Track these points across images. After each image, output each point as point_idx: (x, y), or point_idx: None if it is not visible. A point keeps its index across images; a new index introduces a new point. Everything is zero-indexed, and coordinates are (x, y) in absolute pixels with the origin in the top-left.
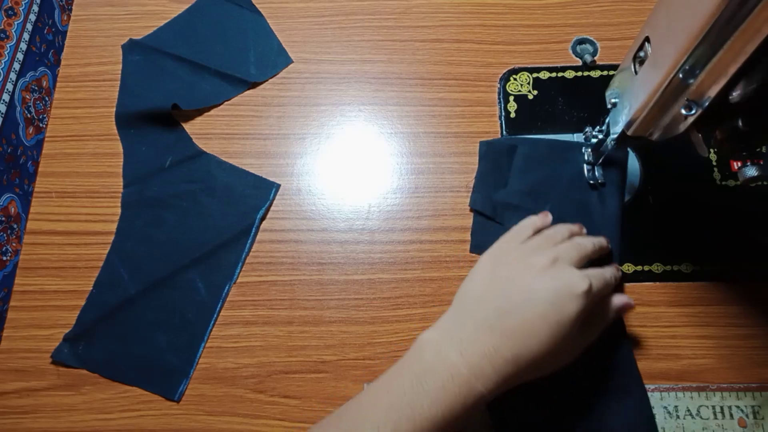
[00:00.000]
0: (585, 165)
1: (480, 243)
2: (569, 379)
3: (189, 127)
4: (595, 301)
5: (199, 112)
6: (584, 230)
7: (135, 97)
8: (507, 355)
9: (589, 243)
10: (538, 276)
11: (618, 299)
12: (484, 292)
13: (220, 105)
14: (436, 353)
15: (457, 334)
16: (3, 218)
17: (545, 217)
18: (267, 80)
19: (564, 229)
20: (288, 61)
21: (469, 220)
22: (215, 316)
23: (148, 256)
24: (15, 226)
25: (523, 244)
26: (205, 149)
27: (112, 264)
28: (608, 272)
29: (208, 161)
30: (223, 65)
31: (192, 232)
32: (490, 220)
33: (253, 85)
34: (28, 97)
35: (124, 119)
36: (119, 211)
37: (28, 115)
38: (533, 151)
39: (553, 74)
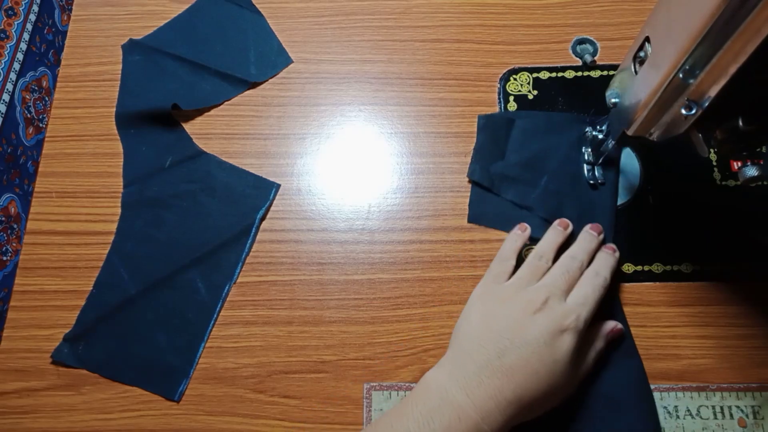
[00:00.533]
0: (585, 165)
1: (477, 213)
2: (571, 410)
3: (189, 127)
4: (587, 328)
5: (199, 112)
6: (570, 227)
7: (135, 97)
8: (509, 395)
9: (577, 262)
10: (531, 317)
11: (605, 327)
12: (482, 333)
13: (220, 105)
14: (443, 394)
15: (461, 375)
16: (3, 218)
17: (523, 232)
18: (267, 80)
19: (549, 248)
20: (288, 61)
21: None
22: (215, 316)
23: (148, 256)
24: (15, 226)
25: (513, 281)
26: (205, 149)
27: (112, 264)
28: (593, 290)
29: (208, 161)
30: (223, 65)
31: (192, 232)
32: (487, 192)
33: (253, 85)
34: (28, 97)
35: (124, 119)
36: (119, 211)
37: (28, 115)
38: (531, 124)
39: (553, 74)
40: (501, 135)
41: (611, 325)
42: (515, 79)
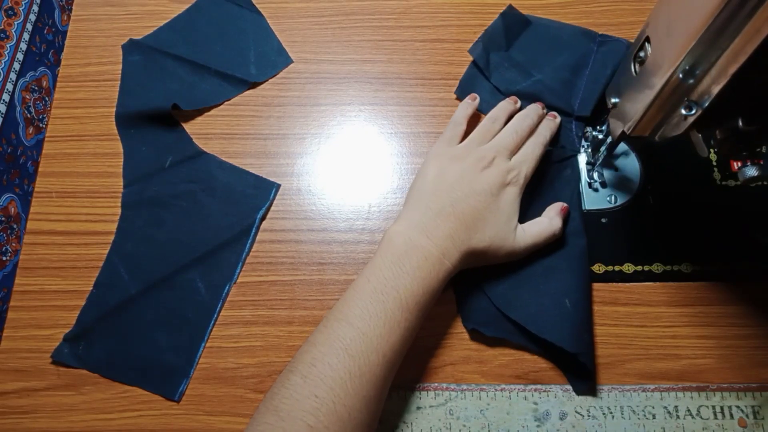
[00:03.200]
0: (585, 165)
1: (464, 89)
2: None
3: (189, 127)
4: (527, 181)
5: (199, 112)
6: (519, 103)
7: (135, 97)
8: (463, 236)
9: (527, 121)
10: (480, 172)
11: (557, 206)
12: (437, 186)
13: (220, 105)
14: (407, 240)
15: (420, 223)
16: (3, 218)
17: (473, 101)
18: (267, 80)
19: (502, 113)
20: (288, 61)
21: None
22: (215, 316)
23: (148, 256)
24: (15, 226)
25: (465, 143)
26: (205, 149)
27: (112, 264)
28: (533, 149)
29: (208, 161)
30: (223, 65)
31: (192, 232)
32: (480, 74)
33: (253, 85)
34: (28, 97)
35: (124, 119)
36: (119, 211)
37: (28, 115)
38: (543, 31)
39: None
40: (514, 31)
41: (561, 204)
42: None
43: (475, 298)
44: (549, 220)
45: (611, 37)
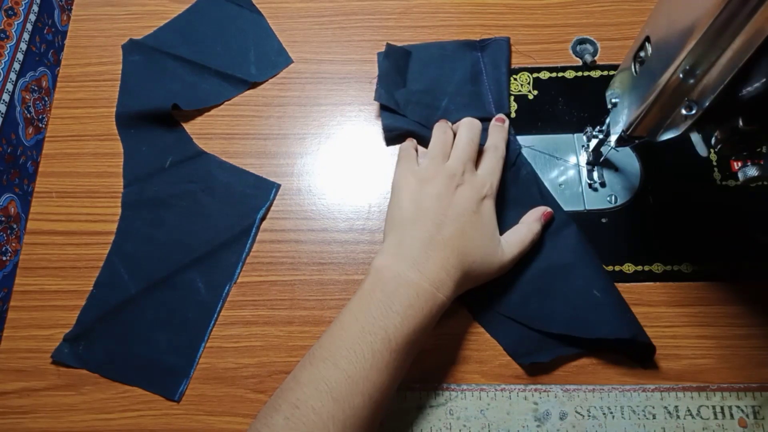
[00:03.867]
0: (585, 165)
1: (390, 124)
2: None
3: (189, 127)
4: (495, 191)
5: (199, 112)
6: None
7: (135, 97)
8: (455, 262)
9: (475, 127)
10: (456, 191)
11: (537, 211)
12: (417, 213)
13: (220, 105)
14: (397, 275)
15: (409, 256)
16: (3, 218)
17: (413, 142)
18: (267, 80)
19: (448, 122)
20: (288, 61)
21: None
22: (215, 316)
23: (148, 256)
24: (15, 226)
25: (428, 161)
26: (205, 149)
27: (112, 264)
28: (496, 161)
29: (208, 161)
30: (223, 65)
31: (192, 232)
32: (396, 113)
33: (253, 85)
34: (28, 97)
35: (124, 119)
36: (119, 211)
37: (28, 115)
38: (425, 54)
39: (553, 74)
40: (401, 65)
41: (542, 209)
42: (515, 79)
43: (512, 331)
44: (527, 226)
45: (489, 39)
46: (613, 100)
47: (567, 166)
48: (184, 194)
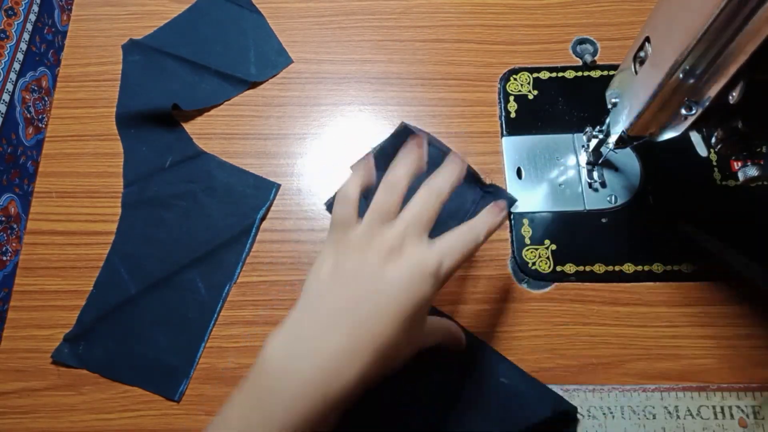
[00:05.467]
0: (586, 165)
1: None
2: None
3: (189, 127)
4: (450, 276)
5: (199, 112)
6: (424, 146)
7: (135, 97)
8: (361, 349)
9: (443, 182)
10: (386, 260)
11: (449, 326)
12: (330, 287)
13: (220, 105)
14: (285, 360)
15: (305, 335)
16: (3, 218)
17: (368, 165)
18: (267, 80)
19: (402, 176)
20: (288, 61)
21: None
22: (215, 316)
23: (148, 256)
24: (15, 226)
25: (364, 225)
26: (205, 149)
27: (112, 264)
28: (464, 245)
29: (208, 161)
30: (223, 65)
31: (192, 232)
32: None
33: (253, 85)
34: (28, 97)
35: (124, 119)
36: (119, 211)
37: (28, 115)
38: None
39: (554, 74)
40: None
41: (455, 329)
42: (515, 79)
43: None
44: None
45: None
46: (613, 100)
47: (567, 166)
48: (184, 194)
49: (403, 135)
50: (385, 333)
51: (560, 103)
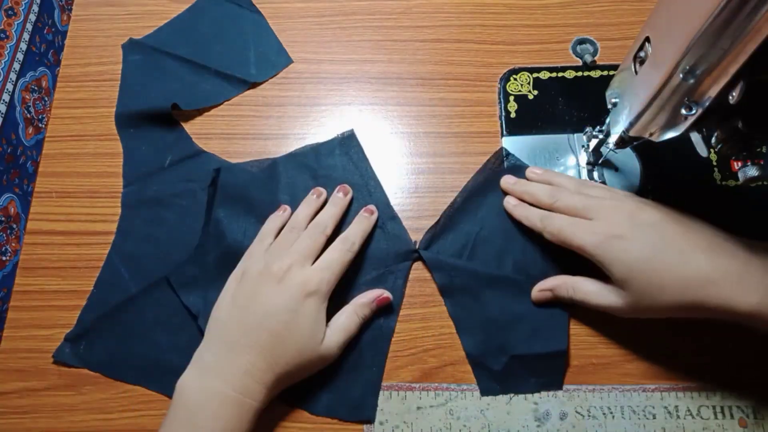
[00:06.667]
0: (586, 165)
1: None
2: None
3: (189, 127)
4: (332, 287)
5: (199, 112)
6: (323, 195)
7: (135, 97)
8: (263, 365)
9: (321, 228)
10: (275, 287)
11: (371, 295)
12: (229, 314)
13: (220, 105)
14: (199, 389)
15: (213, 364)
16: (3, 218)
17: (283, 213)
18: (267, 80)
19: (302, 219)
20: (288, 61)
21: None
22: None
23: (148, 255)
24: (15, 226)
25: (265, 254)
26: (205, 149)
27: (112, 263)
28: (340, 255)
29: (208, 160)
30: (223, 65)
31: (192, 231)
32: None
33: (253, 85)
34: (28, 97)
35: (124, 119)
36: (119, 210)
37: (28, 115)
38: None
39: (554, 74)
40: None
41: (377, 293)
42: (515, 79)
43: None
44: (355, 310)
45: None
46: (613, 100)
47: (567, 166)
48: (184, 193)
49: (348, 142)
50: (281, 352)
51: (560, 103)
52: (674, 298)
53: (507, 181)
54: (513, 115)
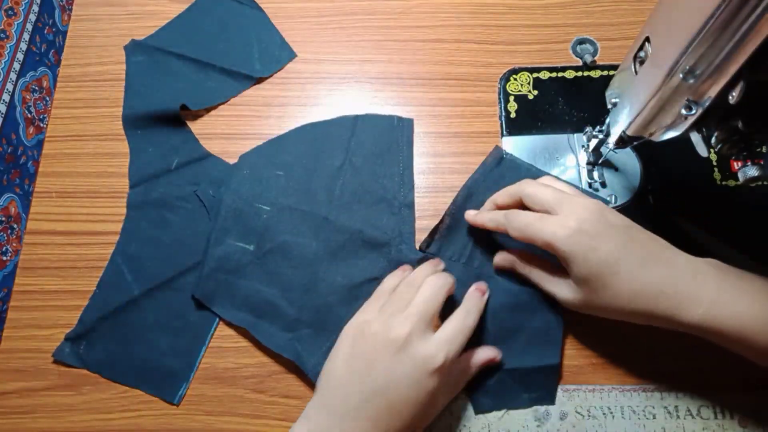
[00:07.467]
0: (585, 165)
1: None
2: None
3: (191, 127)
4: (454, 363)
5: (202, 111)
6: (440, 265)
7: (141, 99)
8: None
9: (440, 288)
10: (396, 356)
11: (481, 355)
12: (347, 378)
13: (220, 105)
14: None
15: (326, 426)
16: (3, 218)
17: (402, 272)
18: (271, 76)
19: (421, 277)
20: (291, 54)
21: None
22: (217, 320)
23: (152, 257)
24: (15, 226)
25: (380, 313)
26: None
27: (115, 264)
28: (462, 330)
29: (215, 164)
30: (227, 62)
31: (197, 234)
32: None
33: (259, 80)
34: (28, 97)
35: (131, 120)
36: (120, 210)
37: (29, 115)
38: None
39: (554, 74)
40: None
41: (488, 354)
42: (515, 79)
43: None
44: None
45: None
46: (613, 100)
47: (567, 166)
48: (190, 196)
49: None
50: (398, 425)
51: (560, 103)
52: (626, 304)
53: (469, 214)
54: (513, 115)
